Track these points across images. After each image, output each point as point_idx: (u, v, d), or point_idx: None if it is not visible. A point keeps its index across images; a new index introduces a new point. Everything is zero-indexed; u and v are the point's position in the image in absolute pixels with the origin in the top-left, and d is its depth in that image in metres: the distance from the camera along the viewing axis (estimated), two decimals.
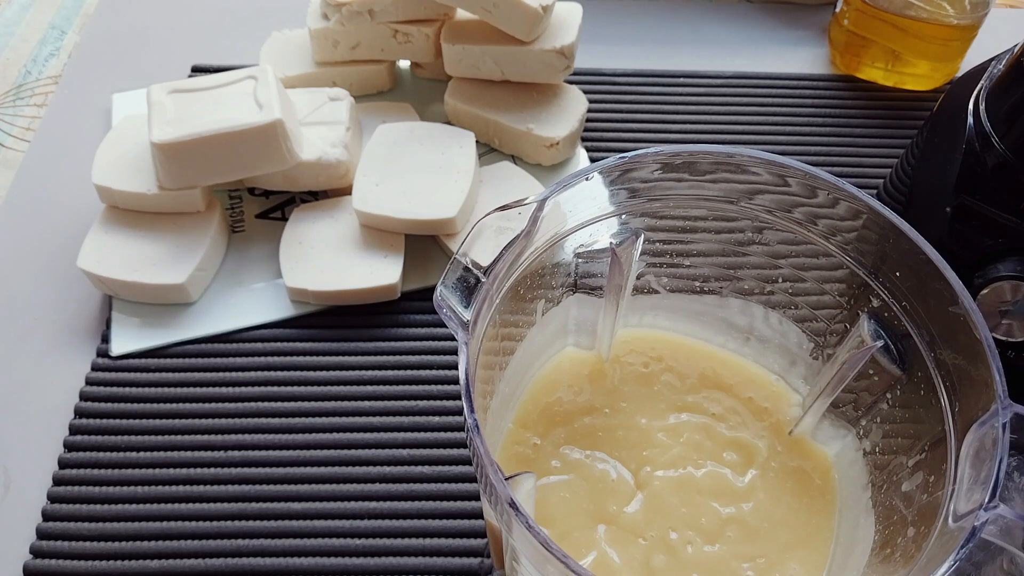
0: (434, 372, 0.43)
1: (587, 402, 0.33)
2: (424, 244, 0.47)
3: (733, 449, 0.32)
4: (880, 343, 0.29)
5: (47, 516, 0.38)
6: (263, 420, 0.41)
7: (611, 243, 0.31)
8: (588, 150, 0.52)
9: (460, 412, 0.39)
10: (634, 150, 0.29)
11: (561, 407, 0.33)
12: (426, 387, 0.42)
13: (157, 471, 0.39)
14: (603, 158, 0.29)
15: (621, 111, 0.55)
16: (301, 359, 0.43)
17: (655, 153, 0.29)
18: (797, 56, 0.60)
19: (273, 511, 0.38)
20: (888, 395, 0.30)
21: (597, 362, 0.34)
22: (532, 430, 0.32)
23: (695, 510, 0.30)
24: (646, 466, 0.31)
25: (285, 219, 0.47)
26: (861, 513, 0.30)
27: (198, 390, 0.42)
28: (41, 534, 0.37)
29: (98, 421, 0.41)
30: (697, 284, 0.34)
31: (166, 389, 0.42)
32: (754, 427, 0.33)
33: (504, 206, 0.27)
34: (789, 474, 0.31)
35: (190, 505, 0.38)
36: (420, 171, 0.46)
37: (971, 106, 0.39)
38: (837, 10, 0.57)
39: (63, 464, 0.39)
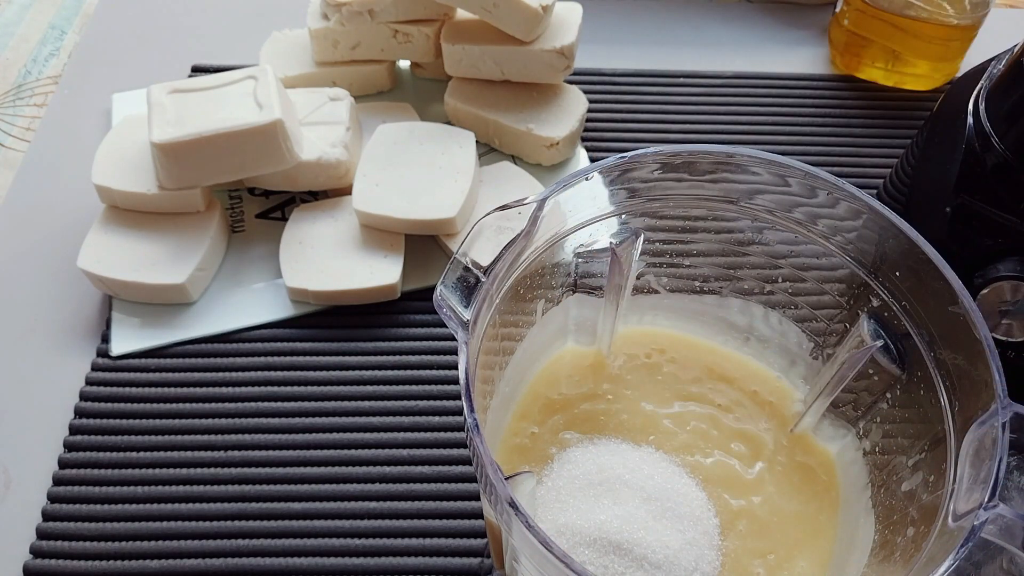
0: (434, 372, 0.43)
1: (588, 390, 0.33)
2: (424, 244, 0.47)
3: (740, 440, 0.32)
4: (880, 343, 0.29)
5: (47, 516, 0.38)
6: (263, 420, 0.41)
7: (611, 243, 0.31)
8: (588, 150, 0.52)
9: (460, 412, 0.39)
10: (634, 150, 0.29)
11: (560, 396, 0.33)
12: (426, 387, 0.42)
13: (157, 471, 0.39)
14: (603, 158, 0.29)
15: (621, 111, 0.55)
16: (301, 359, 0.43)
17: (655, 153, 0.29)
18: (797, 56, 0.60)
19: (273, 511, 0.38)
20: (888, 395, 0.30)
21: (598, 355, 0.34)
22: (530, 420, 0.32)
23: None
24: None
25: (285, 219, 0.47)
26: (861, 513, 0.30)
27: (198, 390, 0.42)
28: (41, 534, 0.37)
29: (98, 421, 0.41)
30: (697, 284, 0.34)
31: (166, 389, 0.42)
32: (760, 420, 0.33)
33: (504, 206, 0.27)
34: (795, 469, 0.32)
35: (190, 505, 0.38)
36: (420, 171, 0.46)
37: (971, 106, 0.39)
38: (837, 10, 0.57)
39: (63, 464, 0.39)
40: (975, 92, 0.40)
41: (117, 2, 0.61)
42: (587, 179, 0.29)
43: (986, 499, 0.22)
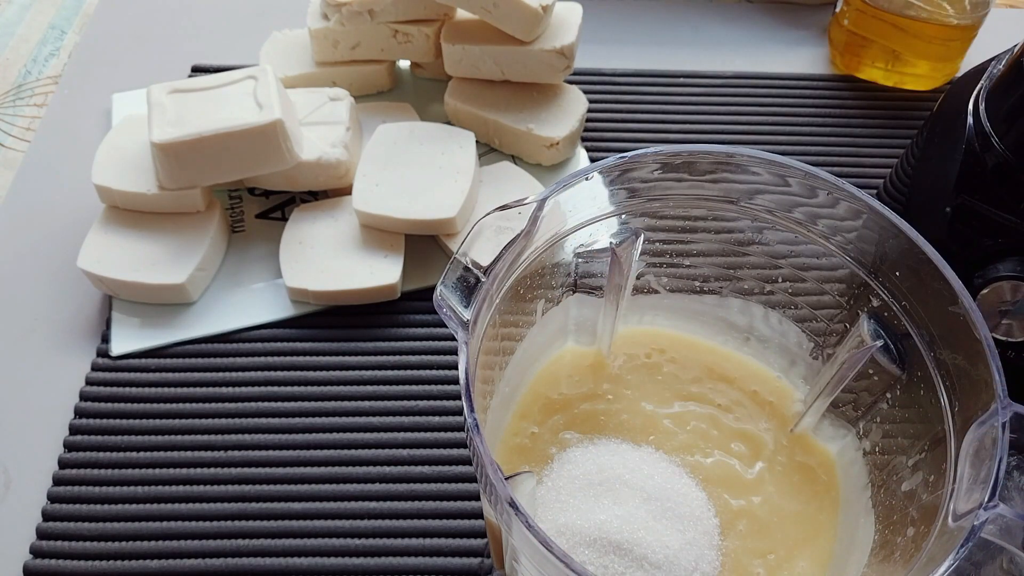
0: (434, 372, 0.43)
1: (589, 390, 0.33)
2: (424, 244, 0.47)
3: (741, 440, 0.32)
4: (880, 343, 0.29)
5: (47, 516, 0.38)
6: (263, 420, 0.41)
7: (611, 243, 0.31)
8: (588, 150, 0.52)
9: (460, 412, 0.39)
10: (634, 150, 0.29)
11: (561, 396, 0.33)
12: (426, 387, 0.42)
13: (157, 471, 0.39)
14: (603, 158, 0.29)
15: (621, 111, 0.55)
16: (301, 359, 0.43)
17: (655, 153, 0.29)
18: (797, 56, 0.60)
19: (273, 511, 0.38)
20: (888, 395, 0.30)
21: (598, 355, 0.34)
22: (530, 420, 0.32)
23: None
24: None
25: (285, 219, 0.47)
26: (861, 513, 0.30)
27: (198, 390, 0.42)
28: (41, 534, 0.37)
29: (98, 421, 0.41)
30: (697, 284, 0.34)
31: (166, 389, 0.42)
32: (760, 420, 0.33)
33: (504, 206, 0.27)
34: (795, 469, 0.32)
35: (190, 505, 0.38)
36: (420, 171, 0.46)
37: (971, 106, 0.39)
38: (837, 10, 0.57)
39: (63, 464, 0.39)
40: (975, 92, 0.40)
41: (117, 2, 0.61)
42: (587, 179, 0.29)
43: (986, 499, 0.22)
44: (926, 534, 0.24)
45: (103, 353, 0.43)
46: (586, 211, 0.30)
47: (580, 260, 0.31)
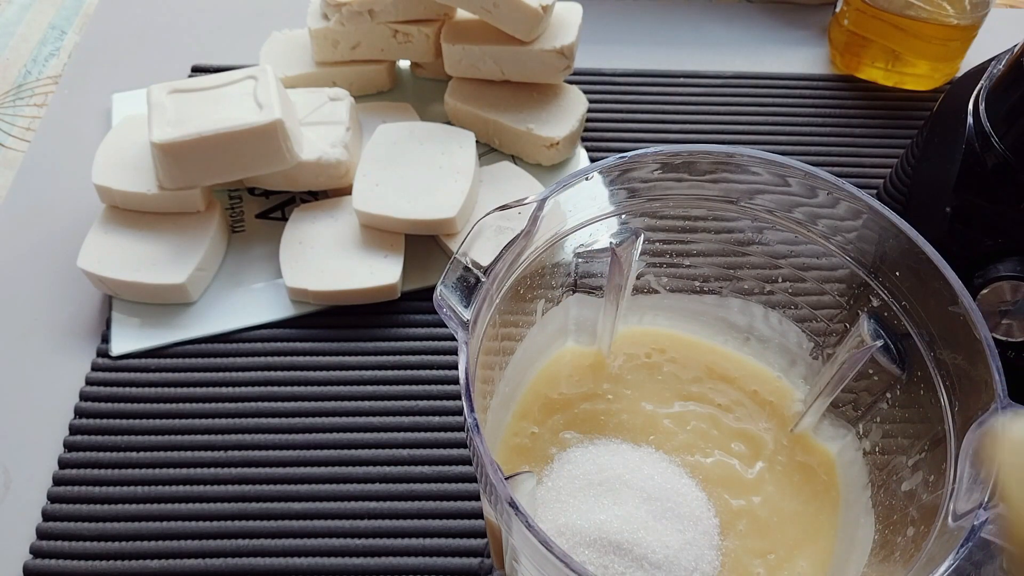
0: (434, 372, 0.43)
1: (589, 390, 0.33)
2: (424, 244, 0.47)
3: (741, 440, 0.32)
4: (880, 343, 0.29)
5: (47, 516, 0.38)
6: (263, 420, 0.41)
7: (611, 243, 0.31)
8: (588, 150, 0.52)
9: (460, 412, 0.39)
10: (634, 150, 0.29)
11: (561, 396, 0.33)
12: (426, 387, 0.42)
13: (157, 471, 0.39)
14: (603, 158, 0.29)
15: (621, 111, 0.55)
16: (301, 359, 0.43)
17: (655, 153, 0.29)
18: (797, 56, 0.60)
19: (273, 511, 0.38)
20: (888, 395, 0.30)
21: (598, 355, 0.34)
22: (530, 420, 0.32)
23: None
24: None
25: (285, 219, 0.47)
26: (861, 513, 0.30)
27: (198, 390, 0.42)
28: (41, 534, 0.37)
29: (98, 421, 0.41)
30: (697, 284, 0.34)
31: (166, 389, 0.42)
32: (760, 420, 0.33)
33: (504, 206, 0.27)
34: (796, 469, 0.32)
35: (190, 505, 0.38)
36: (420, 171, 0.46)
37: (971, 106, 0.39)
38: (837, 10, 0.57)
39: (63, 464, 0.39)
40: (975, 92, 0.40)
41: (117, 2, 0.61)
42: (587, 179, 0.29)
43: (986, 499, 0.22)
44: (926, 534, 0.24)
45: (103, 353, 0.43)
46: (586, 211, 0.30)
47: (580, 260, 0.31)
